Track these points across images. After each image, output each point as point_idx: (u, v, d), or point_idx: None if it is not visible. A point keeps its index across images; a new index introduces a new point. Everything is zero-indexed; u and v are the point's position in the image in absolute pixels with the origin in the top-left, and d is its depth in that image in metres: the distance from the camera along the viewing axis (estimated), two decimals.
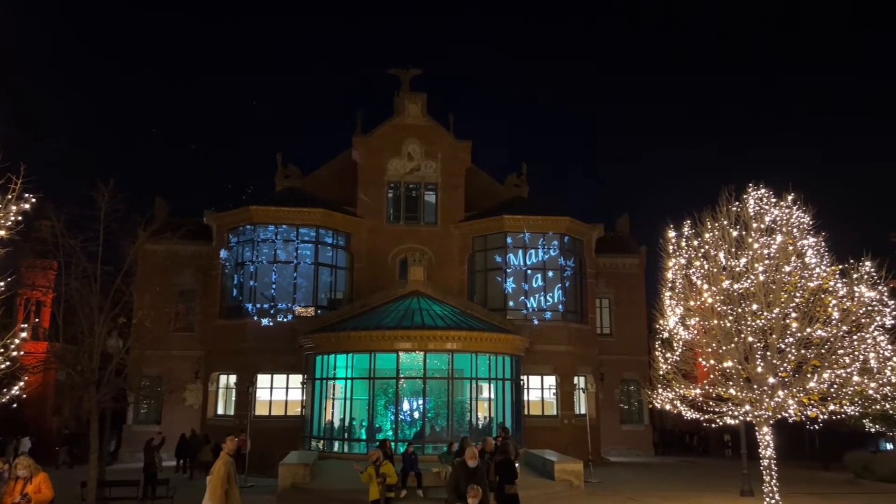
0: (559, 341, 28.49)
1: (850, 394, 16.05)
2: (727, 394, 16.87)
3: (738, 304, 16.70)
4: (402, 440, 22.41)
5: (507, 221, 29.27)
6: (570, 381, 28.56)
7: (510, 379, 25.69)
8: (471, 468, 10.18)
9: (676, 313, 17.80)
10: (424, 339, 23.75)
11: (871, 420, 25.40)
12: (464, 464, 10.32)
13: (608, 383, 32.62)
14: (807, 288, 16.07)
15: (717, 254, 17.28)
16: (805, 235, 16.97)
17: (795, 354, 16.06)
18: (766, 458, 16.61)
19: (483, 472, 10.55)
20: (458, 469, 10.41)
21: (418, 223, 30.54)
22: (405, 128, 31.13)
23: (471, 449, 10.64)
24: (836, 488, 22.11)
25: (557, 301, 28.95)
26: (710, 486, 21.78)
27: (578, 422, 27.67)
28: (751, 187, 17.75)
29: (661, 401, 18.09)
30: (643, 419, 34.37)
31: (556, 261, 29.20)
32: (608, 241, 34.68)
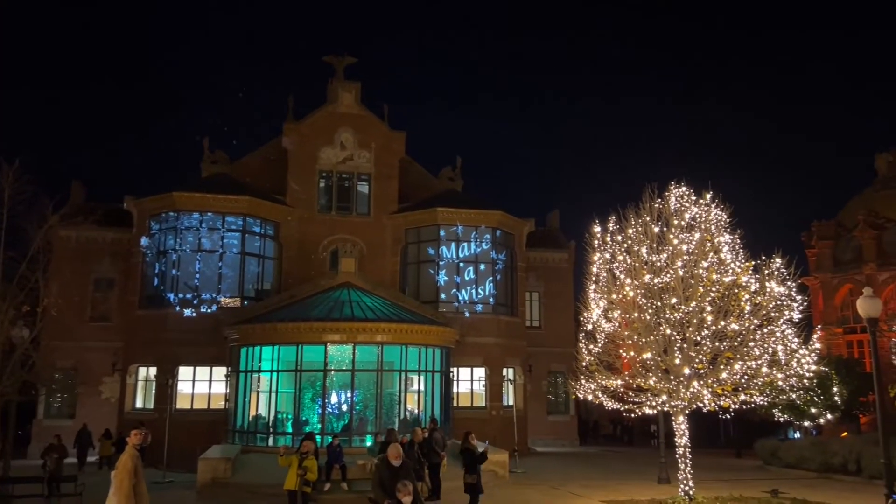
0: (489, 333, 28.74)
1: (760, 384, 16.81)
2: (646, 384, 17.40)
3: (658, 298, 17.23)
4: (330, 433, 22.12)
5: (441, 214, 29.27)
6: (500, 372, 28.88)
7: (440, 371, 25.75)
8: (394, 467, 9.69)
9: (600, 306, 18.24)
10: (354, 332, 23.49)
11: (780, 410, 26.79)
12: (387, 462, 9.90)
13: (536, 375, 33.20)
14: (722, 283, 16.72)
15: (639, 249, 17.78)
16: (721, 232, 17.64)
17: (710, 347, 16.71)
18: (682, 447, 17.22)
19: (410, 468, 10.11)
20: (381, 468, 10.02)
21: (350, 213, 30.16)
22: (338, 116, 30.65)
23: (394, 447, 10.06)
24: (745, 474, 23.18)
25: (489, 294, 29.19)
26: (630, 475, 22.46)
27: (506, 413, 28.02)
28: (672, 185, 18.32)
29: (584, 391, 18.51)
30: (569, 410, 35.17)
31: (489, 254, 29.43)
32: (539, 235, 35.27)
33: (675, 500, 16.82)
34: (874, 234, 35.37)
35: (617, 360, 18.31)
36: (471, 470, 14.03)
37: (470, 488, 14.09)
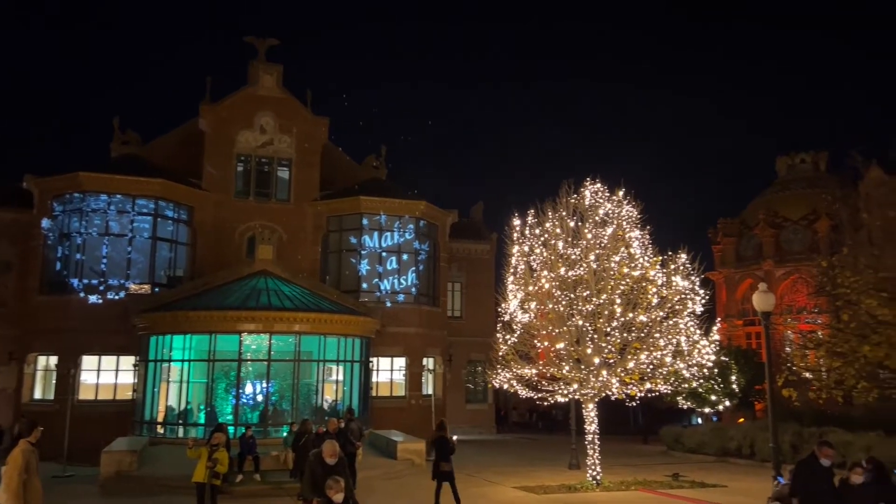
0: (411, 324, 28.81)
1: (665, 374, 17.69)
2: (559, 373, 17.98)
3: (571, 290, 17.82)
4: (244, 424, 21.66)
5: (364, 202, 29.02)
6: (420, 362, 29.03)
7: (360, 361, 25.64)
8: (329, 465, 8.97)
9: (518, 297, 18.69)
10: (271, 321, 23.03)
11: (684, 397, 28.22)
12: (320, 459, 9.11)
13: (456, 364, 33.62)
14: (631, 276, 17.46)
15: (556, 242, 18.31)
16: (632, 228, 18.40)
17: (619, 337, 17.44)
18: (591, 434, 17.92)
19: (345, 466, 9.37)
20: (314, 465, 9.19)
21: (269, 199, 29.45)
22: (259, 99, 29.80)
23: (330, 444, 9.26)
24: (650, 459, 24.34)
25: (411, 284, 29.23)
26: (544, 461, 23.15)
27: (425, 402, 28.23)
28: (588, 181, 18.94)
29: (500, 380, 18.95)
30: (487, 398, 35.83)
31: (411, 244, 29.44)
32: (462, 226, 35.60)
33: (583, 485, 17.50)
34: (773, 232, 37.70)
35: (532, 350, 18.82)
36: (445, 458, 14.13)
37: (445, 475, 14.15)
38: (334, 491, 7.72)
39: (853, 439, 20.12)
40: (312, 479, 8.99)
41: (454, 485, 14.09)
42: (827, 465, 9.66)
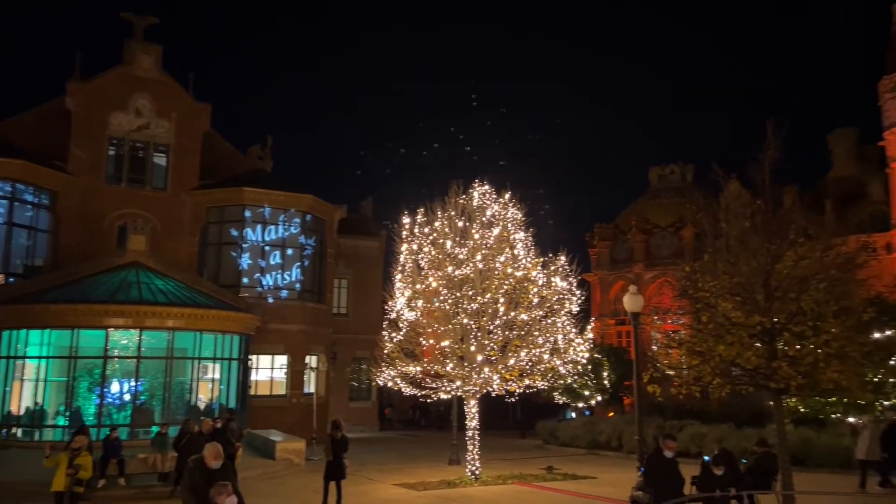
0: (294, 320, 28.14)
1: (543, 370, 18.41)
2: (443, 371, 18.24)
3: (458, 289, 18.13)
4: (109, 425, 20.27)
5: (247, 194, 28.00)
6: (302, 360, 28.44)
7: (238, 359, 24.76)
8: (211, 469, 8.33)
9: (405, 295, 18.76)
10: (142, 316, 21.71)
11: (560, 393, 29.50)
12: (201, 464, 8.45)
13: (341, 362, 33.23)
14: (514, 277, 18.02)
15: (444, 241, 18.55)
16: (517, 230, 19.00)
17: (501, 335, 17.95)
18: (471, 430, 18.31)
19: (230, 471, 8.79)
20: (194, 471, 8.48)
21: (144, 187, 27.73)
22: (135, 80, 27.96)
23: (213, 446, 8.62)
24: (527, 453, 25.25)
25: (295, 279, 28.55)
26: (425, 458, 23.39)
27: (307, 400, 27.70)
28: (476, 183, 19.35)
29: (384, 378, 18.94)
30: (371, 396, 35.71)
31: (297, 238, 28.75)
32: (351, 222, 35.19)
33: (462, 480, 17.85)
34: (644, 237, 40.25)
35: (418, 348, 18.96)
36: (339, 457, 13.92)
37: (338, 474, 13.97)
38: (223, 497, 7.26)
39: (708, 431, 21.92)
40: (193, 487, 8.36)
41: (340, 484, 13.94)
42: (670, 457, 10.49)
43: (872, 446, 16.38)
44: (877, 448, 16.38)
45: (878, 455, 16.37)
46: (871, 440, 16.43)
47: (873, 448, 16.37)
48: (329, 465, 14.04)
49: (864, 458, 16.42)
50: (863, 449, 16.52)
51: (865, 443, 16.51)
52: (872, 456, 16.38)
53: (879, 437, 16.51)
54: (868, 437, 16.52)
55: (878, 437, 16.45)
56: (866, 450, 16.44)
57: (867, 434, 16.64)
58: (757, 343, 12.44)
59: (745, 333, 12.31)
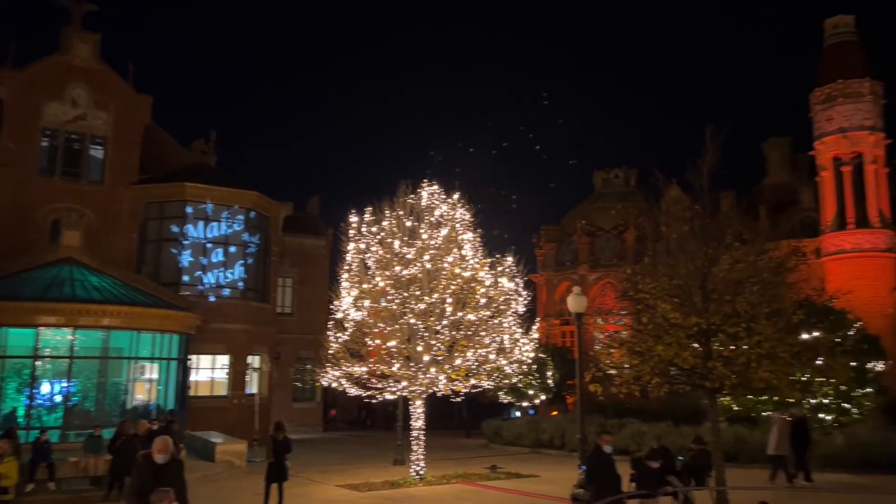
0: (236, 320, 27.55)
1: (489, 370, 18.57)
2: (389, 371, 18.19)
3: (405, 289, 18.11)
4: (39, 428, 19.42)
5: (189, 189, 27.27)
6: (244, 360, 27.89)
7: (177, 359, 24.08)
8: (158, 465, 8.01)
9: (351, 295, 18.63)
10: (75, 314, 20.87)
11: (505, 392, 29.80)
12: (149, 460, 8.10)
13: (284, 362, 32.74)
14: (462, 277, 18.12)
15: (392, 241, 18.51)
16: (465, 230, 19.11)
17: (448, 335, 18.02)
18: (416, 430, 18.32)
19: (179, 467, 8.46)
20: (142, 468, 8.12)
21: (80, 180, 26.63)
22: (71, 69, 26.85)
23: (162, 440, 8.34)
24: (472, 452, 25.42)
25: (238, 278, 27.96)
26: (370, 458, 23.27)
27: (248, 401, 27.17)
28: (425, 183, 19.37)
29: (329, 378, 18.76)
30: (315, 396, 35.31)
31: (240, 236, 28.17)
32: (297, 220, 34.73)
33: (406, 480, 17.84)
34: (588, 240, 41.05)
35: (363, 348, 18.86)
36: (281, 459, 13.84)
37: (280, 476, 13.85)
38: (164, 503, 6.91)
39: (647, 429, 22.52)
40: (139, 486, 7.98)
41: (282, 486, 13.75)
42: (608, 452, 10.81)
43: (781, 442, 17.24)
44: (786, 443, 17.26)
45: (786, 450, 17.26)
46: (779, 436, 17.29)
47: (782, 443, 17.23)
48: (271, 466, 13.84)
49: (774, 454, 17.27)
50: (773, 444, 17.37)
51: (775, 438, 17.37)
52: (782, 451, 17.25)
53: (788, 433, 17.42)
54: (777, 433, 17.37)
55: (787, 433, 17.35)
56: (776, 445, 17.31)
57: (776, 430, 17.50)
58: (694, 343, 12.86)
59: (683, 334, 12.72)
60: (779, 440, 17.20)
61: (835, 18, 31.18)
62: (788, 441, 17.28)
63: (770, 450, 17.38)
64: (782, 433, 17.31)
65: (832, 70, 30.20)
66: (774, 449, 17.25)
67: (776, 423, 17.69)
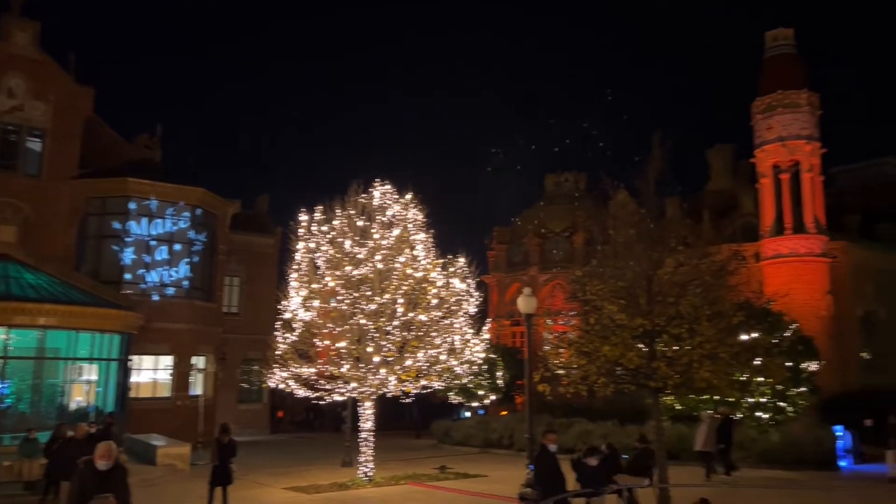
0: (181, 319, 26.85)
1: (439, 370, 18.59)
2: (338, 372, 18.01)
3: (356, 289, 17.96)
4: None
5: (133, 185, 26.45)
6: (189, 361, 27.20)
7: (118, 359, 23.35)
8: (101, 472, 7.65)
9: (300, 295, 18.38)
10: (9, 313, 20.03)
11: (455, 393, 29.89)
12: (91, 467, 7.72)
13: (230, 363, 32.09)
14: (414, 277, 18.09)
15: (342, 241, 18.34)
16: (418, 231, 19.09)
17: (399, 336, 17.96)
18: (366, 431, 18.21)
19: (123, 474, 8.07)
20: (83, 474, 7.72)
21: (15, 173, 25.51)
22: (8, 58, 25.69)
23: (105, 445, 8.01)
24: (421, 453, 25.40)
25: (183, 276, 27.27)
26: (318, 460, 22.99)
27: (193, 403, 26.53)
28: (377, 182, 19.27)
29: (276, 380, 18.47)
30: (262, 398, 34.72)
31: (186, 234, 27.48)
32: (245, 218, 34.16)
33: (354, 482, 17.71)
34: (539, 242, 41.56)
35: (312, 349, 18.62)
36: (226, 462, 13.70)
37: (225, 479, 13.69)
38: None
39: (594, 428, 22.94)
40: (80, 492, 7.64)
41: (227, 489, 13.48)
42: (553, 450, 11.01)
43: (709, 438, 17.91)
44: (713, 440, 17.96)
45: (714, 446, 17.96)
46: (707, 433, 17.97)
47: (710, 440, 17.91)
48: (215, 469, 13.56)
49: (702, 450, 17.93)
50: (700, 441, 18.07)
51: (702, 435, 18.06)
52: (709, 447, 17.92)
53: (715, 429, 18.09)
54: (705, 431, 18.05)
55: (714, 430, 18.06)
56: (703, 442, 17.98)
57: (704, 427, 18.19)
58: (639, 344, 13.16)
59: (629, 335, 13.01)
60: (706, 437, 17.90)
61: (775, 31, 32.29)
62: (715, 438, 17.96)
63: (697, 446, 18.04)
64: (710, 430, 18.02)
65: (772, 81, 31.28)
66: (702, 445, 17.97)
67: (704, 420, 18.39)
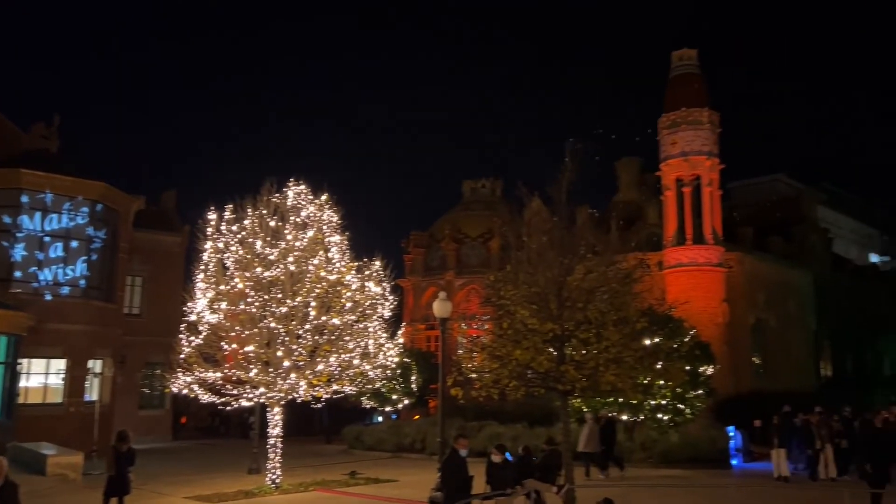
0: (77, 320, 25.27)
1: (352, 375, 18.36)
2: (246, 377, 17.46)
3: (266, 291, 17.48)
4: None
5: (26, 176, 24.70)
6: (84, 364, 25.64)
7: (4, 362, 21.77)
8: None
9: (207, 296, 17.70)
10: None
11: (368, 397, 29.60)
12: None
13: (131, 367, 30.49)
14: (328, 280, 17.79)
15: (253, 241, 17.80)
16: (333, 233, 18.81)
17: (311, 340, 17.61)
18: (274, 437, 17.73)
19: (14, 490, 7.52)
20: None
21: None
22: None
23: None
24: (332, 459, 25.02)
25: (80, 275, 25.72)
26: (223, 468, 22.19)
27: (88, 409, 24.99)
28: (292, 182, 18.86)
29: (179, 385, 17.71)
30: (164, 404, 33.21)
31: (84, 230, 25.94)
32: (151, 215, 32.63)
33: (261, 489, 17.21)
34: (455, 246, 41.90)
35: (219, 353, 17.97)
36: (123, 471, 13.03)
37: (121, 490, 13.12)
38: None
39: (504, 431, 23.30)
40: None
41: (123, 500, 12.80)
42: (464, 455, 11.16)
43: (591, 440, 18.74)
44: (595, 441, 18.84)
45: (596, 447, 18.84)
46: (589, 434, 18.81)
47: (592, 441, 18.75)
48: (111, 479, 12.90)
49: (584, 450, 18.78)
50: (583, 442, 18.91)
51: (584, 437, 18.91)
52: (591, 448, 18.77)
53: (598, 431, 18.98)
54: (587, 432, 18.90)
55: (597, 432, 18.95)
56: (585, 443, 18.84)
57: (587, 429, 19.04)
58: (549, 348, 13.50)
59: (540, 339, 13.32)
60: (588, 438, 18.69)
61: (680, 51, 34.00)
62: (598, 439, 18.83)
63: (579, 447, 18.82)
64: (592, 432, 18.83)
65: (677, 98, 32.92)
66: (584, 446, 18.77)
67: (588, 422, 19.20)
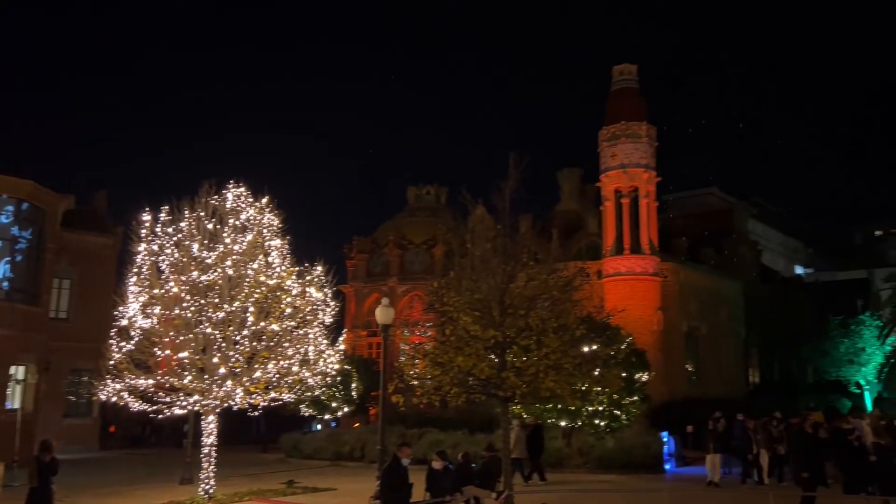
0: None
1: (291, 382, 17.99)
2: (180, 384, 16.89)
3: (203, 296, 16.97)
4: None
5: None
6: (6, 370, 24.38)
7: None
8: None
9: (140, 300, 17.07)
10: None
11: (307, 405, 29.11)
12: None
13: (56, 373, 29.08)
14: (267, 285, 17.40)
15: (190, 244, 17.27)
16: (273, 237, 18.42)
17: (249, 346, 17.18)
18: (208, 446, 17.20)
19: None
20: None
21: None
22: None
23: None
24: (268, 468, 24.47)
25: (3, 276, 24.53)
26: (153, 478, 21.41)
27: (8, 417, 23.70)
28: (231, 184, 18.40)
29: (108, 392, 17.00)
30: (92, 412, 31.81)
31: (9, 230, 24.80)
32: (80, 215, 31.33)
33: (193, 500, 16.67)
34: (399, 252, 41.74)
35: (151, 359, 17.33)
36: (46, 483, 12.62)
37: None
38: None
39: (445, 438, 23.27)
40: None
41: None
42: (406, 463, 11.11)
43: (518, 446, 19.01)
44: (522, 447, 19.14)
45: (524, 453, 19.15)
46: (516, 441, 19.12)
47: (519, 447, 19.03)
48: (33, 492, 12.34)
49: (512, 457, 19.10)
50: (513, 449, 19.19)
51: (511, 443, 19.20)
52: (520, 454, 19.03)
53: (525, 437, 19.26)
54: (514, 439, 19.21)
55: (524, 438, 19.24)
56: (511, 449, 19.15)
57: (513, 435, 19.33)
58: (491, 355, 13.59)
59: (482, 346, 13.39)
60: (515, 445, 18.95)
61: (621, 66, 34.93)
62: (525, 446, 19.07)
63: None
64: (519, 439, 19.08)
65: (617, 112, 33.77)
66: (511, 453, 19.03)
67: (517, 429, 19.43)
